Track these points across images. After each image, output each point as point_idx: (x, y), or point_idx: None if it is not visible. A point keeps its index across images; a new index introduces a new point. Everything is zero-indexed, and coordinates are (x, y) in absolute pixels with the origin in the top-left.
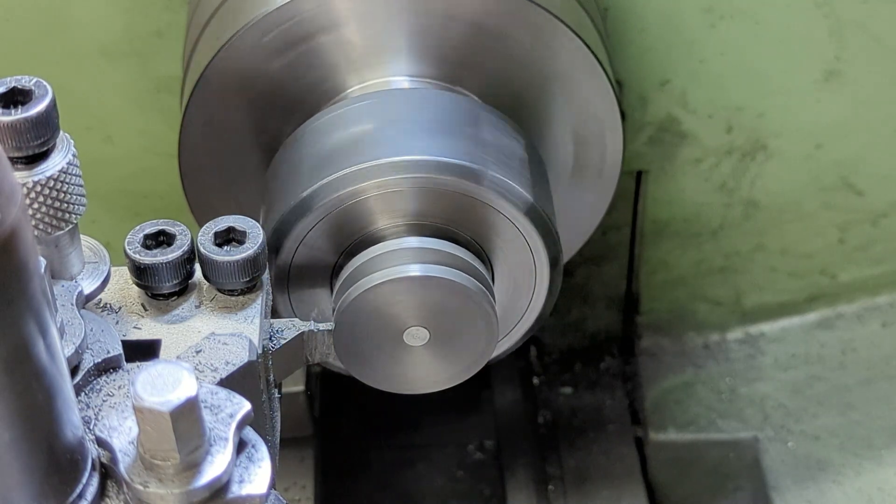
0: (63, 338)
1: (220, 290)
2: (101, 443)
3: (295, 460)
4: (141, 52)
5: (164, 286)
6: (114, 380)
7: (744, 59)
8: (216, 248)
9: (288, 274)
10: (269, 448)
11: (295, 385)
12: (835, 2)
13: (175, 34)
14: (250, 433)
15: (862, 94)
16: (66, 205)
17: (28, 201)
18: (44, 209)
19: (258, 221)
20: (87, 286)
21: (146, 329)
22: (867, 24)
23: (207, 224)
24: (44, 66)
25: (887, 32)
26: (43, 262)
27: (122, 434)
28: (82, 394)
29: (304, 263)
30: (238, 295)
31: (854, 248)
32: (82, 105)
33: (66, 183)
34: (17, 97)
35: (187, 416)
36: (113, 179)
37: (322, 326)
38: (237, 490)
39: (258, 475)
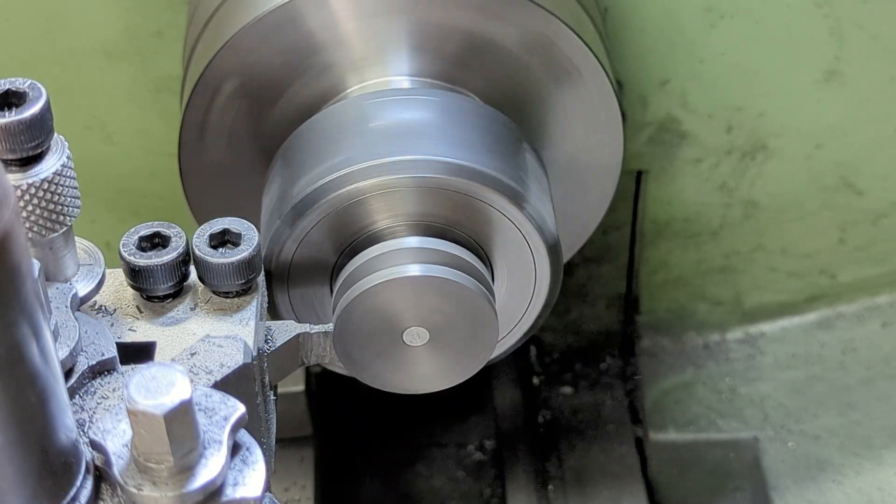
0: (57, 340)
1: (215, 293)
2: (95, 445)
3: (295, 460)
4: (141, 51)
5: (159, 288)
6: (108, 382)
7: (744, 59)
8: (211, 249)
9: (288, 274)
10: (265, 450)
11: (295, 385)
12: (835, 2)
13: (175, 34)
14: (245, 436)
15: (862, 94)
16: (60, 207)
17: (22, 204)
18: (38, 212)
19: (259, 222)
20: (82, 288)
21: (141, 331)
22: (867, 24)
23: (202, 226)
24: (44, 66)
25: (887, 32)
26: (37, 264)
27: (117, 437)
28: (77, 396)
29: (304, 263)
30: (233, 297)
31: (854, 248)
32: (82, 105)
33: (61, 185)
34: (11, 99)
35: (181, 419)
36: (112, 179)
37: (317, 328)
38: (231, 493)
39: (252, 478)
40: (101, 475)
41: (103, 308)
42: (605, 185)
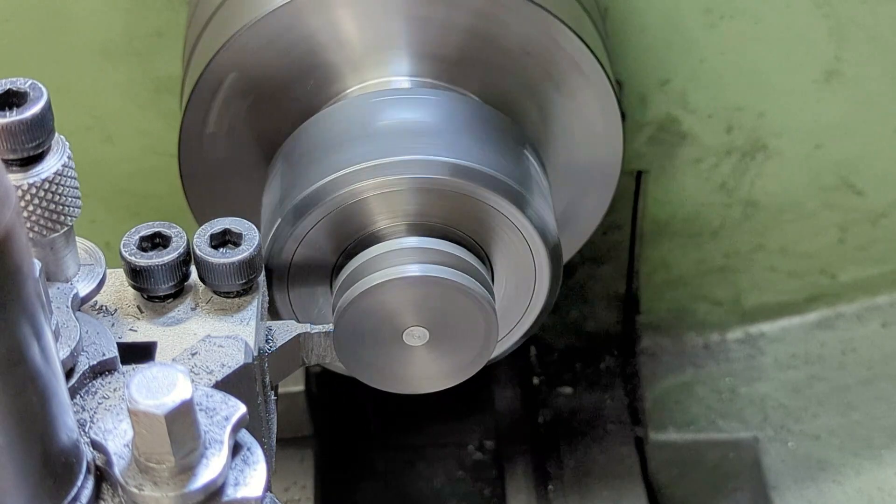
0: (58, 340)
1: (215, 293)
2: (96, 445)
3: (295, 460)
4: (141, 52)
5: (159, 288)
6: (109, 382)
7: (744, 59)
8: (212, 249)
9: (288, 274)
10: (265, 450)
11: (295, 385)
12: (835, 2)
13: (175, 34)
14: (246, 436)
15: (862, 94)
16: (61, 207)
17: (23, 204)
18: (39, 211)
19: (259, 222)
20: (83, 288)
21: (142, 331)
22: (867, 24)
23: (203, 226)
24: (44, 66)
25: (887, 32)
26: (38, 264)
27: (118, 437)
28: (77, 396)
29: (304, 263)
30: (234, 297)
31: (854, 248)
32: (82, 105)
33: (62, 185)
34: (11, 99)
35: (182, 419)
36: (113, 179)
37: (318, 328)
38: (232, 493)
39: (253, 478)
40: (102, 475)
41: (104, 308)
42: (605, 185)
